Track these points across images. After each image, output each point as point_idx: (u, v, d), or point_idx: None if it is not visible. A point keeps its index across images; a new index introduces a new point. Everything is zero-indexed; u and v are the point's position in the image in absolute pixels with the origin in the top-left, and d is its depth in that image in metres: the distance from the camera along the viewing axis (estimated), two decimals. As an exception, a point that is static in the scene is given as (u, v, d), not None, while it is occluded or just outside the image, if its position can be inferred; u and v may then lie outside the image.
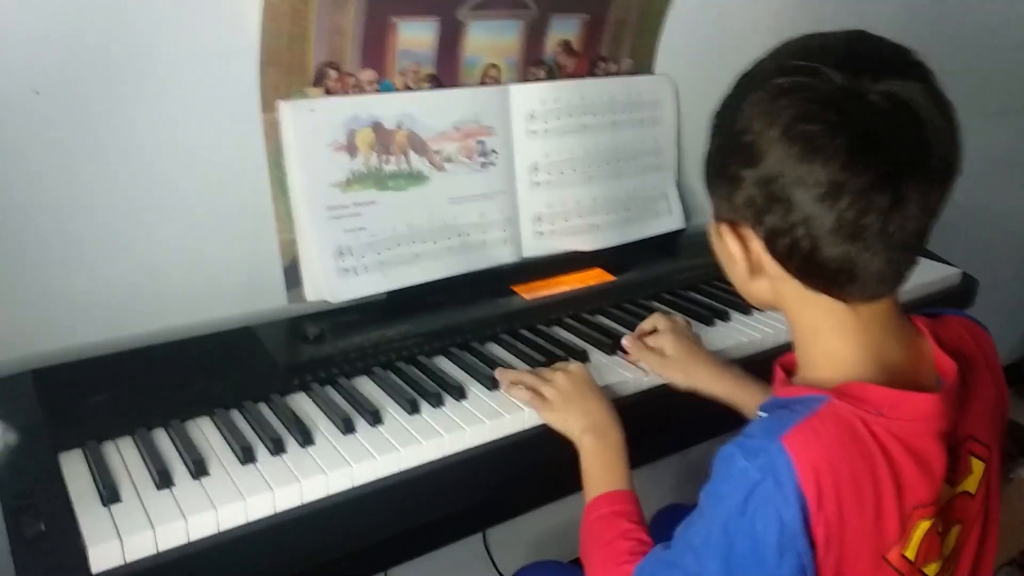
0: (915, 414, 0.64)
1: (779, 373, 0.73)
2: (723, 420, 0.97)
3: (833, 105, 0.59)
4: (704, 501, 0.65)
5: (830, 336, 0.67)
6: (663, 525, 0.78)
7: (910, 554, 0.65)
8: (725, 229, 0.67)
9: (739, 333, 1.13)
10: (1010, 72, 1.90)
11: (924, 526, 0.65)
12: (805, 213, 0.61)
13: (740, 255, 0.67)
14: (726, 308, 1.18)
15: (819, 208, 0.60)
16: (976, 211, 1.55)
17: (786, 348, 1.12)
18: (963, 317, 0.77)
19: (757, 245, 0.66)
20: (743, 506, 0.61)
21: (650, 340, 1.03)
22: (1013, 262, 2.21)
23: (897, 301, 0.68)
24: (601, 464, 0.85)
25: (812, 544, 0.61)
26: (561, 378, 0.92)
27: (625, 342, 1.03)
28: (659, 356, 1.01)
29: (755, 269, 0.67)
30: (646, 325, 1.06)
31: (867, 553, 0.63)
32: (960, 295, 1.37)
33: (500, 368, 0.97)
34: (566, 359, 1.01)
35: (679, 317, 1.08)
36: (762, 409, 0.69)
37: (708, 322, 1.15)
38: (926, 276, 1.32)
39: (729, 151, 0.65)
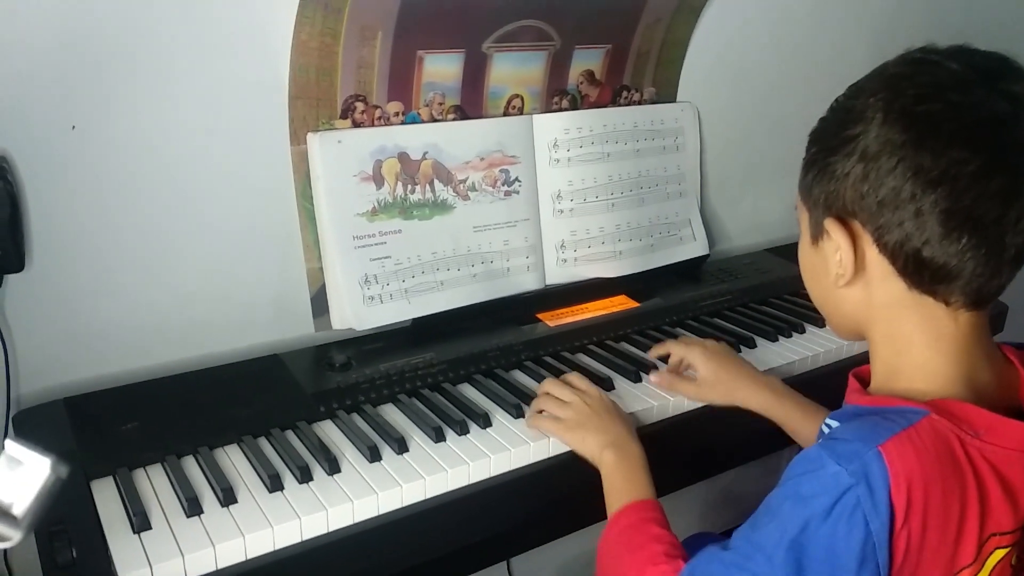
0: (1012, 443, 0.63)
1: (853, 383, 0.72)
2: (750, 448, 0.96)
3: (954, 88, 0.60)
4: (780, 503, 0.63)
5: (924, 348, 0.66)
6: (691, 553, 0.77)
7: None
8: (833, 224, 0.66)
9: (766, 360, 1.12)
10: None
11: (999, 554, 0.64)
12: (920, 202, 0.60)
13: (847, 250, 0.66)
14: (752, 335, 1.17)
15: (935, 193, 0.60)
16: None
17: (815, 374, 1.14)
18: None
19: (865, 242, 0.65)
20: (829, 510, 0.59)
21: (677, 349, 1.03)
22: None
23: (988, 322, 0.68)
24: (623, 477, 0.84)
25: (890, 557, 0.60)
26: (578, 399, 0.93)
27: (655, 380, 1.02)
28: (693, 383, 1.00)
29: (858, 269, 0.66)
30: (673, 359, 1.06)
31: (939, 572, 0.62)
32: (990, 320, 1.34)
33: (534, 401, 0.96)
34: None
35: (708, 341, 1.07)
36: (834, 417, 0.68)
37: (734, 349, 1.14)
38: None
39: (836, 148, 0.65)
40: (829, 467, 0.60)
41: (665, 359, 1.08)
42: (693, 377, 1.01)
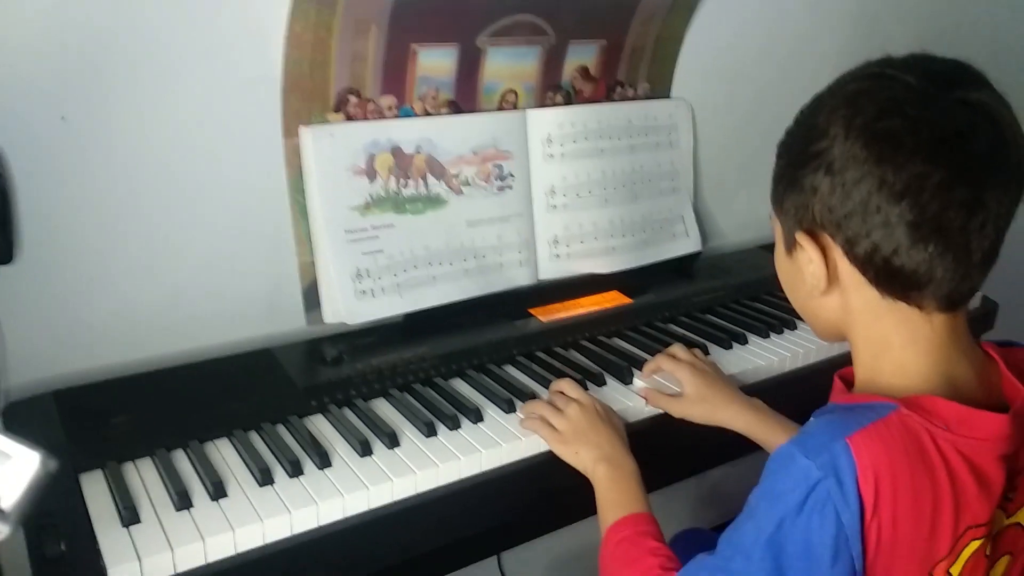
0: (983, 433, 0.63)
1: (838, 383, 0.73)
2: (739, 443, 0.96)
3: (912, 103, 0.61)
4: (757, 502, 0.64)
5: (902, 350, 0.67)
6: (681, 549, 0.77)
7: (955, 571, 0.64)
8: (804, 238, 0.67)
9: (757, 356, 1.13)
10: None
11: (974, 546, 0.64)
12: (886, 214, 0.61)
13: (819, 263, 0.67)
14: (743, 331, 1.18)
15: (900, 206, 0.61)
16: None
17: (806, 371, 1.14)
18: None
19: (836, 253, 0.66)
20: (801, 504, 0.60)
21: (667, 364, 1.03)
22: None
23: (966, 321, 0.68)
24: (617, 491, 0.84)
25: (863, 550, 0.60)
26: (574, 410, 0.92)
27: (641, 394, 1.01)
28: (676, 400, 0.99)
29: (831, 280, 0.67)
30: (667, 351, 1.05)
31: (915, 566, 0.63)
32: (980, 318, 1.35)
33: (528, 402, 0.96)
34: (583, 382, 1.01)
35: (698, 352, 1.07)
36: (816, 415, 0.68)
37: (725, 345, 1.14)
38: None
39: (803, 163, 0.66)
40: (799, 461, 0.61)
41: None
42: (678, 392, 1.01)
